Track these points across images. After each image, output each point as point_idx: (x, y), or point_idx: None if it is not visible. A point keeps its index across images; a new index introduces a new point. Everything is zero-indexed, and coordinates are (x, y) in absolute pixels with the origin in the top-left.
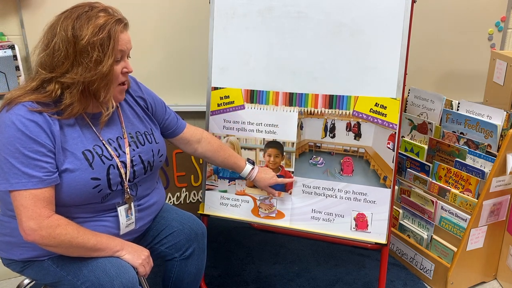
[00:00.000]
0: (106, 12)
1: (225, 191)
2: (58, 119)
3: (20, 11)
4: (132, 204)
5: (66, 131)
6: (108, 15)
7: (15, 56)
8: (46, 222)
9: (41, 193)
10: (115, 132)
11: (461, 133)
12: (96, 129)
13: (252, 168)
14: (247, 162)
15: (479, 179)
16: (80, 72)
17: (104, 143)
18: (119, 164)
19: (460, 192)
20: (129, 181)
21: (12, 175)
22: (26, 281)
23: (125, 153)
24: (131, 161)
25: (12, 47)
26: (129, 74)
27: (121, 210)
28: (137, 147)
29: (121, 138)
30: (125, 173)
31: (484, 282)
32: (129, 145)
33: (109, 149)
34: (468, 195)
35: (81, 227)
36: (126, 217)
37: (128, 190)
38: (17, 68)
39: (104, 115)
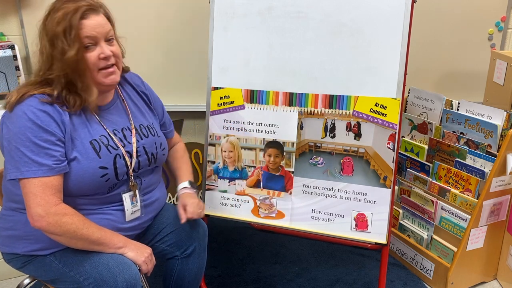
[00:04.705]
0: (72, 2)
1: (225, 191)
2: (68, 111)
3: (20, 11)
4: (137, 192)
5: (75, 122)
6: (73, 3)
7: (15, 56)
8: (53, 209)
9: (50, 181)
10: (120, 123)
11: (461, 133)
12: (102, 120)
13: (185, 187)
14: (188, 182)
15: (479, 179)
16: (55, 66)
17: (110, 133)
18: (124, 153)
19: (460, 192)
20: (133, 171)
21: (23, 163)
22: (26, 281)
23: (130, 143)
24: (136, 151)
25: (12, 47)
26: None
27: (126, 197)
28: (141, 139)
29: (126, 129)
30: (131, 163)
31: (484, 282)
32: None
33: (115, 139)
34: (468, 195)
35: (87, 219)
36: (131, 204)
37: (133, 178)
38: (17, 68)
39: (90, 101)
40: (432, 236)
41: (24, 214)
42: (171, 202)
